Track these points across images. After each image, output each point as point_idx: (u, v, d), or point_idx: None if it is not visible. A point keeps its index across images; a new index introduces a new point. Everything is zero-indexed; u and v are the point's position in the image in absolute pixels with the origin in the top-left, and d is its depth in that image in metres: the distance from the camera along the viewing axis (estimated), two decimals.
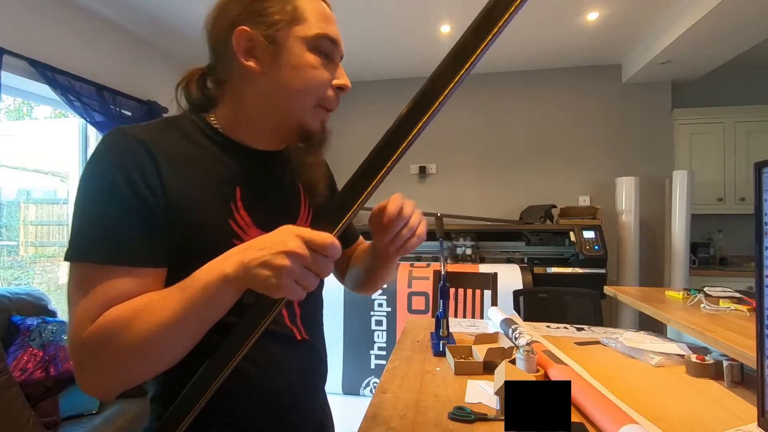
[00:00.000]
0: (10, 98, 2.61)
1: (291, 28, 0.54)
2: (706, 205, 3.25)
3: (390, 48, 3.08)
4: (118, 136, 0.50)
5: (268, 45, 0.54)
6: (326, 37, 0.56)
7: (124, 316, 0.45)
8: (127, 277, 0.47)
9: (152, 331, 0.44)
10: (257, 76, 0.56)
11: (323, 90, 0.57)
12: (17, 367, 1.64)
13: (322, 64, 0.57)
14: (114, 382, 0.46)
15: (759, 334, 0.69)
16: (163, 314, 0.44)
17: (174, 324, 0.44)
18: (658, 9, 2.51)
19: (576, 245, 2.82)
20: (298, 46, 0.55)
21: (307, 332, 0.65)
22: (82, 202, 0.48)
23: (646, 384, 1.00)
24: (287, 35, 0.54)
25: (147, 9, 2.52)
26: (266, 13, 0.54)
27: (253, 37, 0.54)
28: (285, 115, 0.58)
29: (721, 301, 1.46)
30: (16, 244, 2.67)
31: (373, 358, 2.71)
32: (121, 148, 0.50)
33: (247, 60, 0.55)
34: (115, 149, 0.50)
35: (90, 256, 0.47)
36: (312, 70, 0.56)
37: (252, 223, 0.57)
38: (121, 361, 0.45)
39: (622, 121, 3.38)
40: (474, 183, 3.60)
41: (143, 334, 0.44)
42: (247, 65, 0.55)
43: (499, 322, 1.41)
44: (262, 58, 0.55)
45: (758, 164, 0.67)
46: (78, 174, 2.66)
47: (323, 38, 0.56)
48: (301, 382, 0.63)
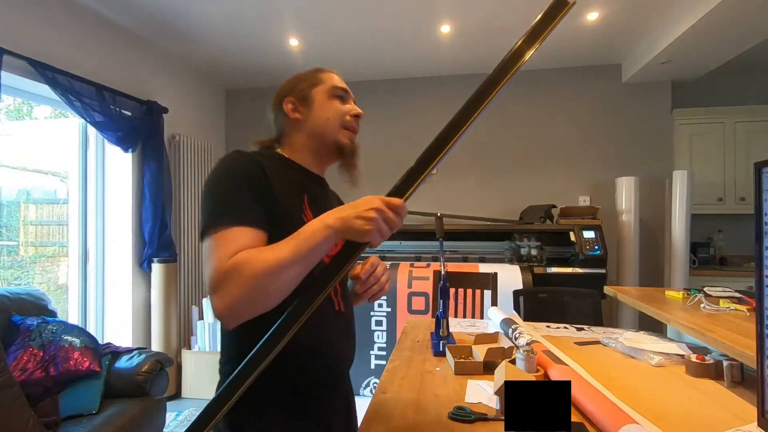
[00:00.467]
0: (10, 98, 2.61)
1: (314, 89, 0.87)
2: (706, 205, 3.25)
3: (390, 48, 3.09)
4: (238, 153, 0.76)
5: (303, 102, 0.87)
6: (338, 87, 0.88)
7: (251, 254, 0.64)
8: (248, 233, 0.68)
9: (270, 263, 0.62)
10: (302, 122, 0.87)
11: (343, 117, 0.87)
12: (17, 367, 1.64)
13: (340, 103, 0.87)
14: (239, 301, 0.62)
15: (759, 334, 0.69)
16: (280, 253, 0.63)
17: (286, 258, 0.62)
18: (658, 9, 2.51)
19: (576, 245, 2.82)
20: (321, 96, 0.87)
21: (345, 306, 0.87)
22: (214, 192, 0.72)
23: (646, 384, 1.00)
24: (313, 93, 0.87)
25: (147, 9, 2.52)
26: (299, 87, 0.88)
27: (294, 101, 0.87)
28: (323, 139, 0.87)
29: (721, 301, 1.47)
30: (16, 244, 2.67)
31: (373, 358, 2.71)
32: (242, 158, 0.76)
33: (293, 114, 0.87)
34: (237, 159, 0.75)
35: (223, 222, 0.67)
36: (333, 107, 0.87)
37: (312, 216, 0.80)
38: (246, 285, 0.61)
39: (622, 121, 3.38)
40: (474, 183, 3.60)
41: (263, 265, 0.62)
42: (294, 117, 0.87)
43: (499, 322, 1.41)
44: (302, 111, 0.87)
45: (758, 164, 0.67)
46: (78, 174, 2.66)
47: (336, 88, 0.88)
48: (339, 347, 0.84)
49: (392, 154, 3.63)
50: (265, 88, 3.89)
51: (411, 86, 3.66)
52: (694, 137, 3.29)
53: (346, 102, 0.88)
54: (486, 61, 3.34)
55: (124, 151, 2.68)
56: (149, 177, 2.81)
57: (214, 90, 3.83)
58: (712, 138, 3.26)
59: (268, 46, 3.04)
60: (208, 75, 3.63)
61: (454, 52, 3.16)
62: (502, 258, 3.06)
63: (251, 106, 3.93)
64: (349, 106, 0.88)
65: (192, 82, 3.48)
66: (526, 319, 1.82)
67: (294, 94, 0.87)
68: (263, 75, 3.60)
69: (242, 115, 3.96)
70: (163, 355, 2.03)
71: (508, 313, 1.49)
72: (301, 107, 0.87)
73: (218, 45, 3.02)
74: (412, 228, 3.13)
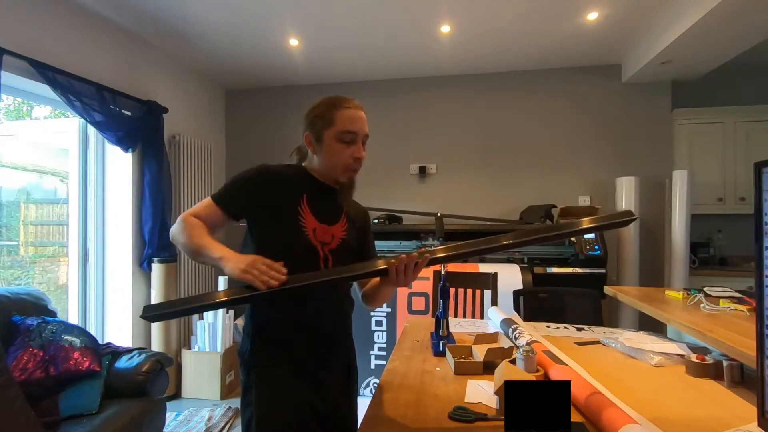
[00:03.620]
0: (10, 98, 2.61)
1: (326, 130, 1.03)
2: (706, 205, 3.25)
3: (390, 48, 3.08)
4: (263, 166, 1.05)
5: (317, 141, 1.05)
6: (347, 131, 1.01)
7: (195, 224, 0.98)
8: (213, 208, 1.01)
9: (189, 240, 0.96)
10: (315, 155, 1.07)
11: (346, 161, 1.03)
12: (17, 367, 1.64)
13: (345, 147, 1.02)
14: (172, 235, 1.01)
15: (759, 334, 0.69)
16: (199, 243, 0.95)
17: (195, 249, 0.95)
18: (658, 9, 2.51)
19: (576, 245, 2.82)
20: (329, 139, 1.02)
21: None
22: (232, 179, 1.03)
23: (646, 384, 1.00)
24: (324, 135, 1.03)
25: (147, 9, 2.52)
26: (317, 126, 1.04)
27: (310, 137, 1.06)
28: (328, 173, 1.06)
29: (721, 301, 1.47)
30: (16, 244, 2.67)
31: (373, 359, 2.71)
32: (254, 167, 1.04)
33: (309, 147, 1.07)
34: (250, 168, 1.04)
35: (213, 195, 1.03)
36: (337, 154, 1.03)
37: (308, 209, 1.03)
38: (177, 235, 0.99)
39: (622, 121, 3.37)
40: (474, 183, 3.59)
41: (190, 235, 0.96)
42: (310, 149, 1.08)
43: (499, 322, 1.41)
44: (316, 147, 1.06)
45: (758, 164, 0.67)
46: (78, 174, 2.66)
47: (345, 133, 1.01)
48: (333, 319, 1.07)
49: (392, 154, 3.64)
50: (265, 88, 3.89)
51: (411, 86, 3.66)
52: (694, 137, 3.29)
53: (353, 144, 1.02)
54: (486, 62, 3.34)
55: (124, 151, 2.68)
56: (149, 177, 2.81)
57: (214, 90, 3.83)
58: (712, 138, 3.26)
59: (268, 46, 3.04)
60: (208, 75, 3.63)
61: (454, 52, 3.16)
62: (502, 258, 3.06)
63: (251, 106, 3.93)
64: (354, 148, 1.02)
65: (192, 82, 3.48)
66: (526, 319, 1.82)
67: (312, 131, 1.05)
68: (263, 75, 3.60)
69: (242, 115, 3.96)
70: (163, 355, 2.03)
71: (508, 313, 1.49)
72: (315, 144, 1.05)
73: (218, 45, 3.02)
74: (413, 228, 3.13)
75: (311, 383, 1.01)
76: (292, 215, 1.01)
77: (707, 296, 1.55)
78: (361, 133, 1.03)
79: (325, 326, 1.05)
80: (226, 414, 2.51)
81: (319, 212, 1.04)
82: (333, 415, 1.04)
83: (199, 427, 2.38)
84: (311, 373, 1.02)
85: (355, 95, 1.02)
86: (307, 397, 1.00)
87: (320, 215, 1.04)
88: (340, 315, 1.10)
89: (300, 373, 1.01)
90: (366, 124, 1.05)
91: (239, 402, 1.07)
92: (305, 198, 1.03)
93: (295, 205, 1.02)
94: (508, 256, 3.07)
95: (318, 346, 1.04)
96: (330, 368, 1.06)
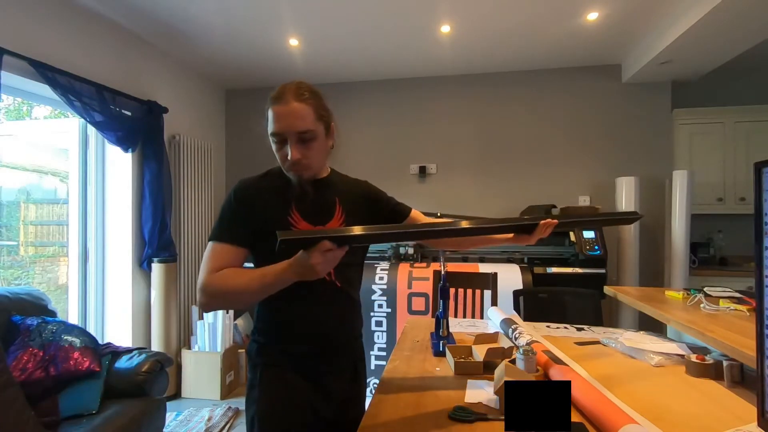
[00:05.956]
0: (10, 98, 2.61)
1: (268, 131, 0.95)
2: (706, 205, 3.25)
3: (390, 48, 3.08)
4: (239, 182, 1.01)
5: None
6: (271, 133, 0.94)
7: (228, 273, 0.90)
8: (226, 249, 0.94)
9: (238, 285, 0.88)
10: None
11: (283, 163, 0.97)
12: (17, 367, 1.64)
13: (279, 149, 0.95)
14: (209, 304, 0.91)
15: (759, 334, 0.69)
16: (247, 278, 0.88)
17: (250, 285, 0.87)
18: (658, 9, 2.51)
19: (576, 245, 2.82)
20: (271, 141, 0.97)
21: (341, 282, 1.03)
22: (219, 215, 0.99)
23: (646, 384, 1.00)
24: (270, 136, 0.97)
25: (147, 9, 2.52)
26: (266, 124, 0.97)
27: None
28: None
29: (721, 301, 1.46)
30: (16, 244, 2.67)
31: (373, 359, 2.71)
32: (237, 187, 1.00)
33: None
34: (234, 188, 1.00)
35: (213, 236, 0.96)
36: (277, 153, 0.96)
37: (298, 215, 0.99)
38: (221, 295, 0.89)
39: (622, 121, 3.37)
40: (474, 183, 3.60)
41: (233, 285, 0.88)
42: None
43: (499, 322, 1.40)
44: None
45: (758, 164, 0.68)
46: (78, 174, 2.66)
47: (271, 135, 0.94)
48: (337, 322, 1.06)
49: (392, 154, 3.63)
50: (265, 88, 3.88)
51: (411, 86, 3.66)
52: (694, 137, 3.29)
53: (285, 144, 0.93)
54: (486, 61, 3.34)
55: (124, 151, 2.68)
56: (149, 177, 2.81)
57: (214, 90, 3.83)
58: (712, 138, 3.26)
59: (268, 46, 3.04)
60: (208, 75, 3.63)
61: (454, 52, 3.16)
62: (502, 258, 3.06)
63: (251, 106, 3.92)
64: (285, 151, 0.94)
65: (192, 82, 3.48)
66: (526, 319, 1.82)
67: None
68: (263, 75, 3.60)
69: (242, 115, 3.96)
70: (163, 355, 2.03)
71: (508, 313, 1.49)
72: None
73: (218, 45, 3.02)
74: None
75: (315, 385, 1.01)
76: (284, 228, 0.96)
77: (707, 296, 1.55)
78: (288, 132, 0.91)
79: (332, 330, 1.04)
80: (226, 414, 2.51)
81: (309, 214, 1.00)
82: (338, 418, 1.03)
83: (199, 427, 2.38)
84: (315, 376, 1.01)
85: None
86: (310, 398, 1.00)
87: (312, 217, 1.00)
88: (347, 318, 1.09)
89: (304, 375, 1.00)
90: (298, 118, 0.89)
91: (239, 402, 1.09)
92: (293, 205, 0.99)
93: (285, 216, 0.98)
94: (508, 256, 3.07)
95: (323, 350, 1.03)
96: (335, 372, 1.05)
